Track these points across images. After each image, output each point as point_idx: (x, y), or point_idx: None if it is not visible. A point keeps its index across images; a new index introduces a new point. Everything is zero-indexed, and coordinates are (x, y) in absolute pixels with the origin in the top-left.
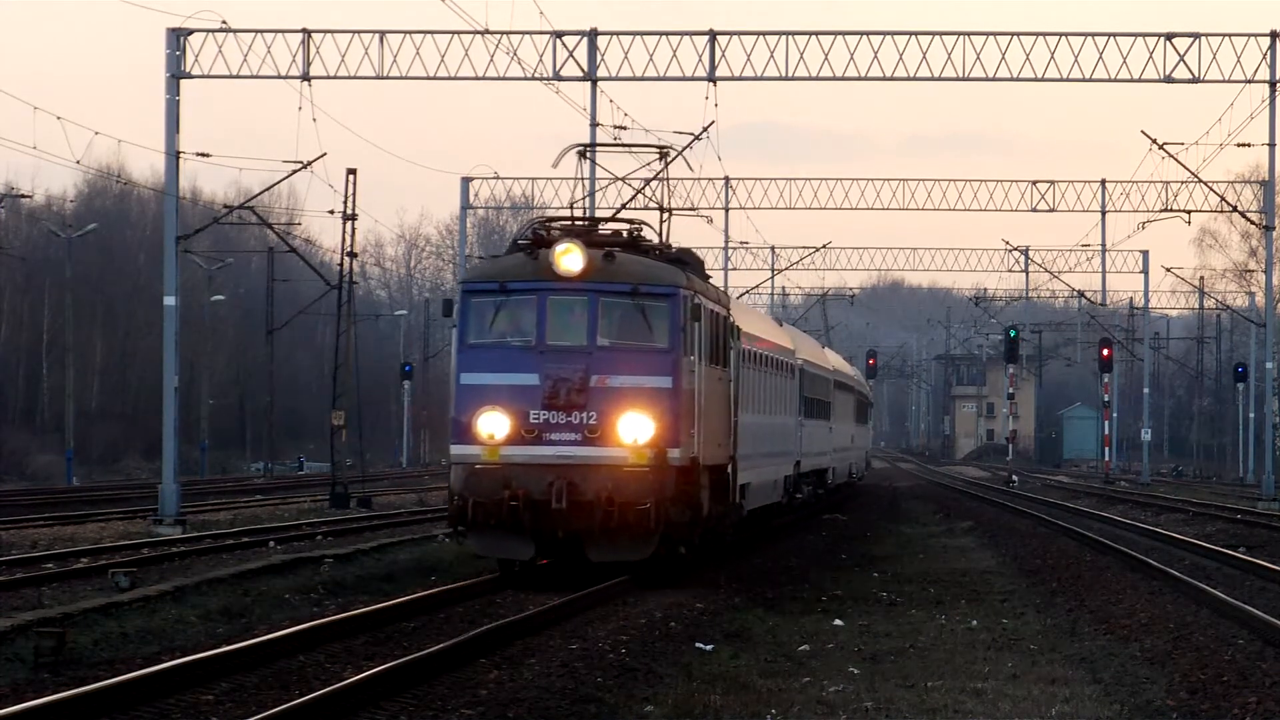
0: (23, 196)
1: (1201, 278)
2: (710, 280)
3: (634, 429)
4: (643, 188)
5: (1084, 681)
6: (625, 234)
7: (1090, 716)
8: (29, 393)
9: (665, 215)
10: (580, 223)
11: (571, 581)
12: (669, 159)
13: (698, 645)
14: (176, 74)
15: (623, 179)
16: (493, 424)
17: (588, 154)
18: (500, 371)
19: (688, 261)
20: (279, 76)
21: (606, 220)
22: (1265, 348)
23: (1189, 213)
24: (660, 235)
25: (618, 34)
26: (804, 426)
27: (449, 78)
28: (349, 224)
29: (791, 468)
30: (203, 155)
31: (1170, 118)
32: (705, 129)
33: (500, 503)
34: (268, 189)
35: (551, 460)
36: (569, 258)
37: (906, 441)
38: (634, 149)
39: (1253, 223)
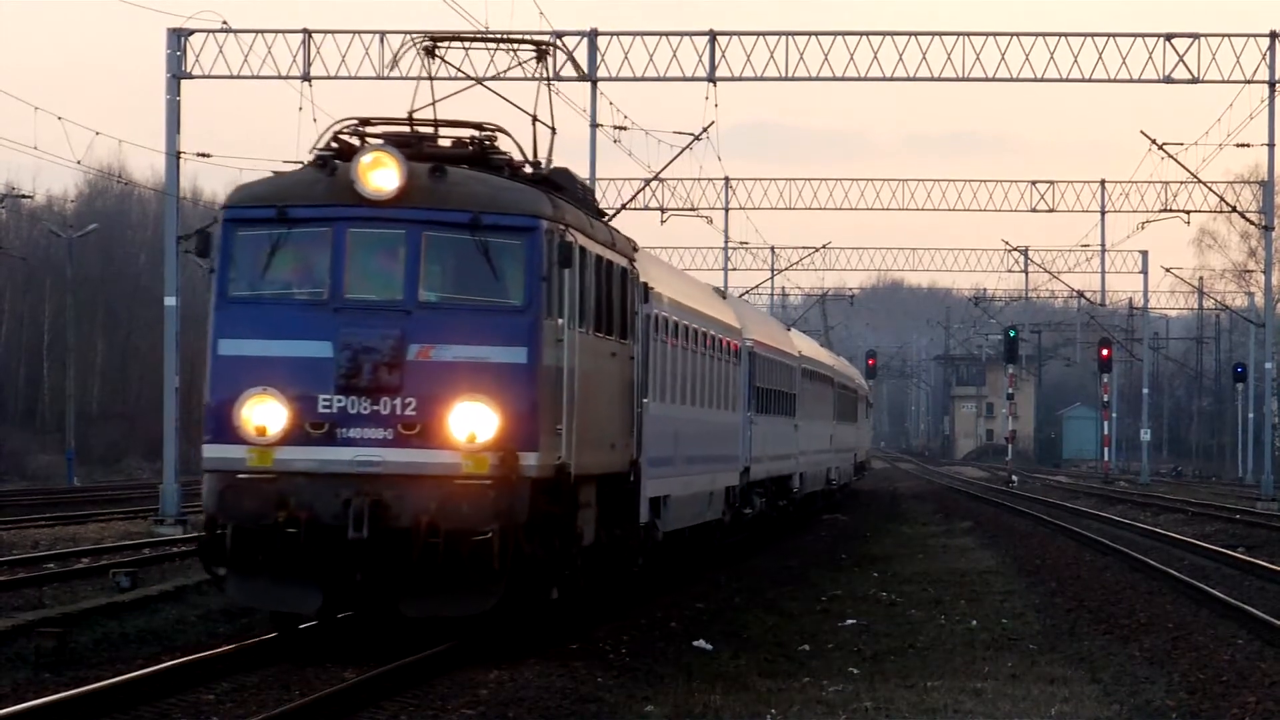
0: (23, 197)
1: (1201, 278)
2: (608, 221)
3: (470, 423)
4: (643, 188)
5: (1083, 681)
6: (471, 145)
7: (1090, 716)
8: (30, 393)
9: (536, 125)
10: (406, 127)
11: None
12: (551, 54)
13: (695, 644)
14: (177, 74)
15: (483, 81)
16: (263, 414)
17: (440, 49)
18: (275, 337)
19: (563, 186)
20: (279, 77)
21: (444, 123)
22: (1264, 348)
23: (1188, 213)
24: (534, 153)
25: (618, 34)
26: (755, 424)
27: (449, 78)
28: None
29: (737, 476)
30: (203, 155)
31: (1170, 118)
32: (705, 129)
33: (273, 530)
34: None
35: (349, 468)
36: (380, 173)
37: (906, 442)
38: (504, 43)
39: (1252, 223)
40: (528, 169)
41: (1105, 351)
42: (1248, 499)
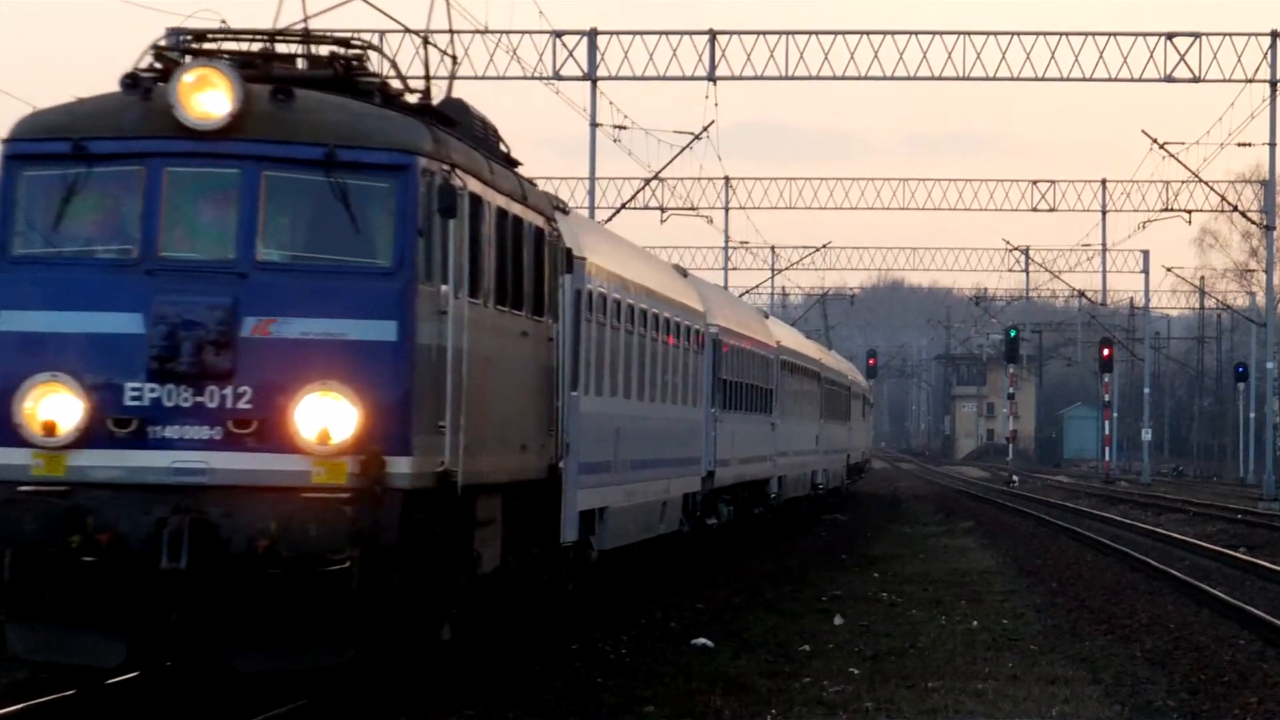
0: None
1: (1202, 277)
2: (515, 167)
3: (322, 419)
4: (643, 187)
5: (1084, 682)
6: (331, 64)
7: (1091, 717)
8: None
9: (428, 45)
10: (252, 42)
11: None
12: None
13: (695, 643)
14: None
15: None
16: (52, 408)
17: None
18: (69, 308)
19: (455, 120)
20: None
21: (292, 35)
22: (1266, 348)
23: (1189, 212)
24: (427, 81)
25: (618, 34)
26: (721, 423)
27: (448, 77)
28: None
29: (699, 481)
30: None
31: (1171, 117)
32: (705, 128)
33: (64, 558)
34: None
35: (164, 478)
36: (207, 95)
37: (906, 441)
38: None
39: (1253, 222)
40: (410, 98)
41: (1106, 351)
42: (1249, 499)
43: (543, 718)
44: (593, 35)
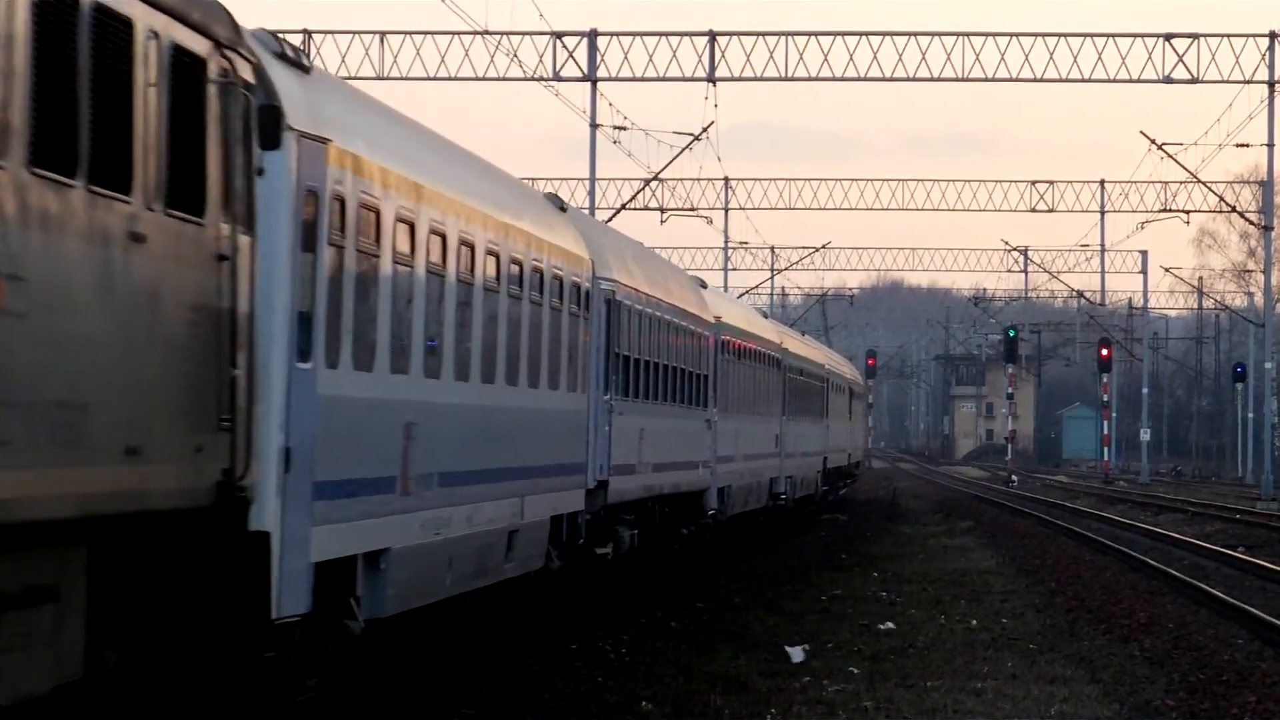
0: None
1: (1200, 278)
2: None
3: None
4: (642, 188)
5: (1083, 681)
6: None
7: (1090, 716)
8: None
9: None
10: None
11: None
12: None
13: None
14: None
15: None
16: None
17: None
18: None
19: None
20: None
21: None
22: (1264, 348)
23: (1188, 213)
24: None
25: (618, 35)
26: (621, 415)
27: (449, 78)
28: None
29: (580, 497)
30: None
31: (1169, 118)
32: (705, 129)
33: None
34: None
35: None
36: None
37: (906, 442)
38: None
39: (1251, 223)
40: None
41: (1105, 351)
42: (1248, 499)
43: (543, 718)
44: (592, 36)
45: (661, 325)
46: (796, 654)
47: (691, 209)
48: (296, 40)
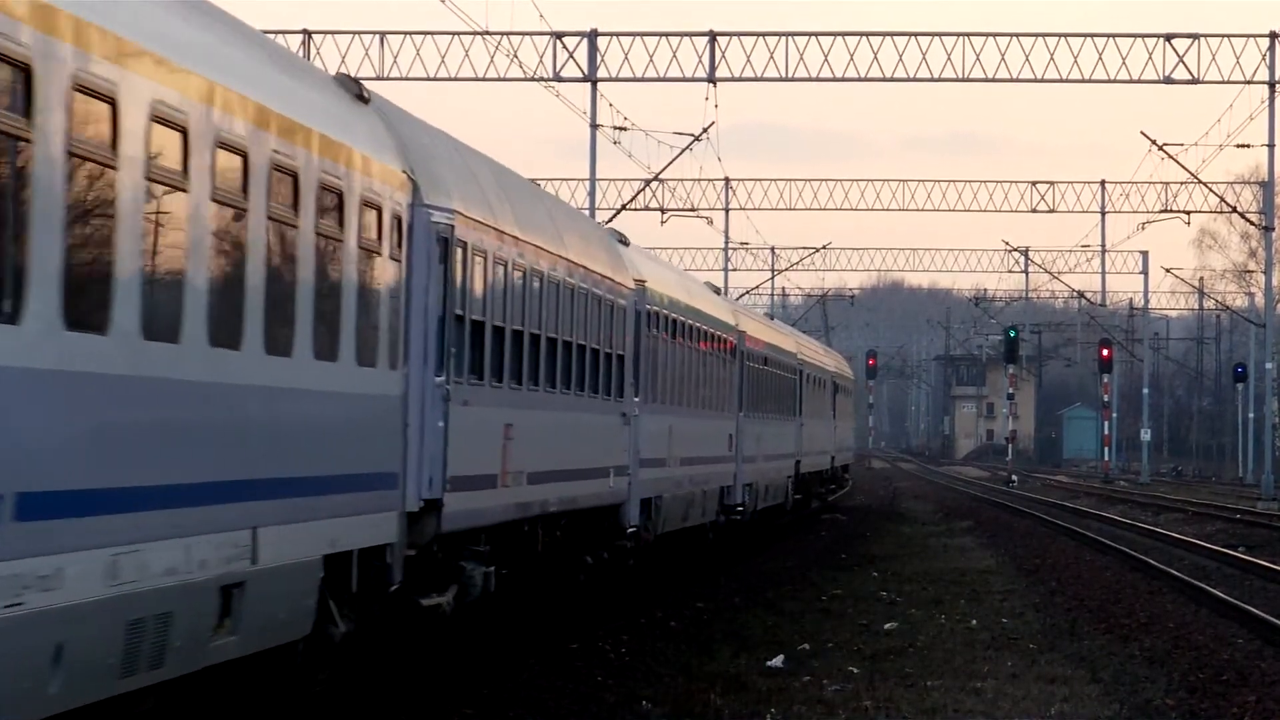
0: None
1: (1201, 278)
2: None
3: None
4: (643, 188)
5: (1083, 681)
6: None
7: (1090, 716)
8: None
9: None
10: None
11: None
12: None
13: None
14: None
15: None
16: None
17: None
18: None
19: None
20: None
21: None
22: (1265, 348)
23: (1188, 213)
24: None
25: (618, 35)
26: (467, 406)
27: (449, 78)
28: None
29: (394, 524)
30: None
31: (1170, 118)
32: (705, 129)
33: None
34: None
35: None
36: None
37: (906, 442)
38: None
39: (1252, 223)
40: None
41: (1105, 352)
42: (1248, 499)
43: (543, 718)
44: (593, 37)
45: (544, 282)
46: (776, 663)
47: (692, 209)
48: (296, 40)
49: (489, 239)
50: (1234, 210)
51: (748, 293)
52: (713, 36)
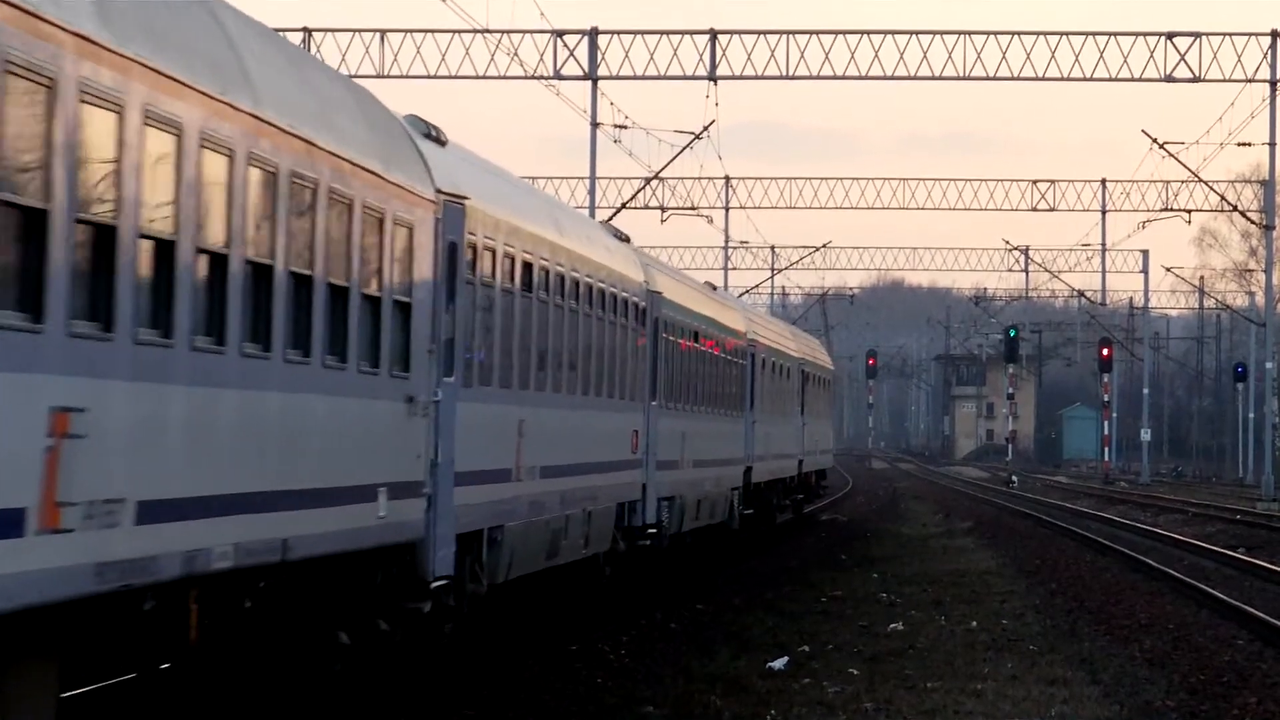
0: None
1: (1201, 277)
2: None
3: None
4: (643, 187)
5: (1084, 682)
6: None
7: (1090, 717)
8: None
9: None
10: None
11: None
12: None
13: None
14: None
15: None
16: None
17: None
18: None
19: None
20: None
21: None
22: (1265, 348)
23: (1189, 212)
24: None
25: (618, 33)
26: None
27: (449, 77)
28: None
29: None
30: None
31: (1171, 117)
32: (706, 128)
33: None
34: None
35: None
36: None
37: (906, 442)
38: None
39: (1253, 222)
40: None
41: (1105, 351)
42: (1248, 499)
43: (543, 718)
44: (593, 35)
45: (379, 220)
46: (778, 664)
47: (692, 208)
48: (296, 39)
49: (316, 160)
50: (1235, 209)
51: (747, 292)
52: (713, 35)
